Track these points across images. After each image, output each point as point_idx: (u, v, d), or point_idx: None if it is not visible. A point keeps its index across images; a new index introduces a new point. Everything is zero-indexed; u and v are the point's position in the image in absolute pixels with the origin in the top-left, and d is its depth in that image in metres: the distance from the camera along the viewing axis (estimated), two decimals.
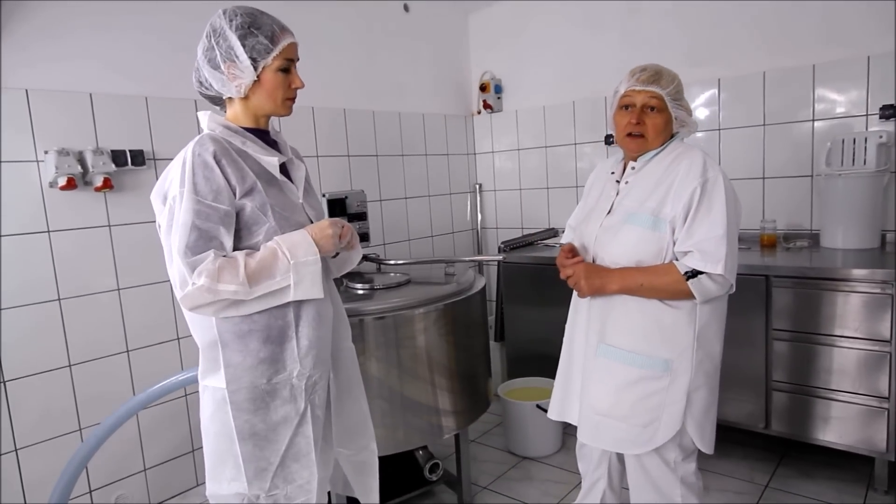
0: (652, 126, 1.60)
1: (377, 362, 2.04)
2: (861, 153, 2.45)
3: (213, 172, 1.28)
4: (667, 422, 1.58)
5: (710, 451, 1.66)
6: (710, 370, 1.62)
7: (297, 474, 1.40)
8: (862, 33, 2.55)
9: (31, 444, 2.11)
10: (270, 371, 1.36)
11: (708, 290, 1.51)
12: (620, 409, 1.62)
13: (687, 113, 1.63)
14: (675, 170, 1.57)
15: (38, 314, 2.11)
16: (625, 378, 1.61)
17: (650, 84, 1.58)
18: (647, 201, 1.58)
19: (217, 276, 1.24)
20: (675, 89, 1.60)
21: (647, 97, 1.59)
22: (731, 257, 1.50)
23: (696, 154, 1.58)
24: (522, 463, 2.78)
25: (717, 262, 1.48)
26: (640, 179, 1.64)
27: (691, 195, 1.52)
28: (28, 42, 2.04)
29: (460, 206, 3.90)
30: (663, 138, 1.63)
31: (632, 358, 1.60)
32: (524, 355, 3.21)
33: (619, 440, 1.64)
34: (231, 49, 1.33)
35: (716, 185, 1.52)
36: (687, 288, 1.51)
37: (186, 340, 2.48)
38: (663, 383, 1.58)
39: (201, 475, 2.55)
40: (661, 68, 1.63)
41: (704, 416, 1.62)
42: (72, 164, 2.07)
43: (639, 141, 1.62)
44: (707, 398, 1.62)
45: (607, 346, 1.65)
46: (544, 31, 3.56)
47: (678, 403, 1.57)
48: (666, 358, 1.58)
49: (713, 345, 1.62)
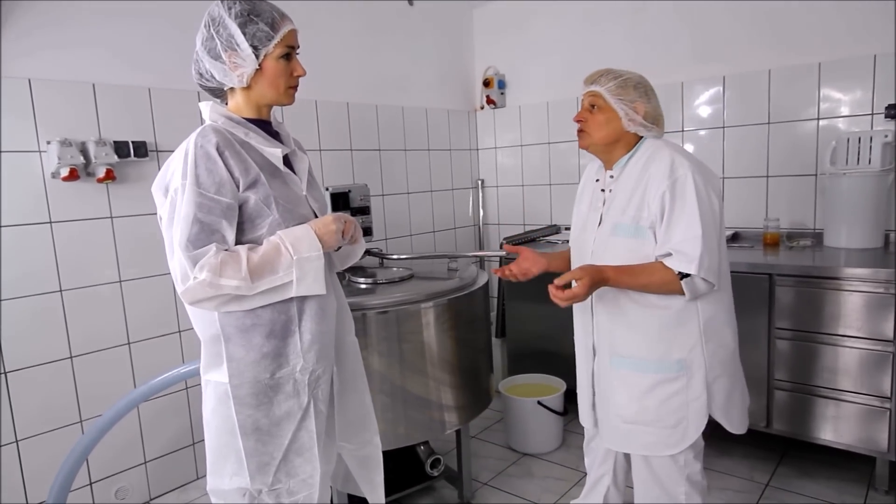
0: (593, 122, 1.64)
1: (379, 357, 2.04)
2: (866, 152, 2.44)
3: (215, 164, 1.26)
4: (694, 419, 1.61)
5: (742, 431, 1.72)
6: (726, 358, 1.64)
7: (300, 469, 1.39)
8: (868, 32, 2.54)
9: (31, 435, 2.11)
10: (274, 366, 1.35)
11: (697, 289, 1.53)
12: (647, 415, 1.63)
13: (636, 111, 1.60)
14: (647, 173, 1.58)
15: (40, 305, 2.10)
16: (642, 385, 1.63)
17: (590, 84, 1.65)
18: (628, 209, 1.60)
19: (219, 271, 1.23)
20: (618, 86, 1.60)
21: (588, 96, 1.66)
22: (708, 255, 1.50)
23: (664, 154, 1.58)
24: (523, 459, 2.78)
25: (690, 262, 1.49)
26: (619, 187, 1.65)
27: (662, 198, 1.53)
28: (31, 31, 2.03)
29: (462, 201, 3.89)
30: (610, 135, 1.63)
31: (644, 365, 1.62)
32: (525, 351, 3.21)
33: (651, 444, 1.65)
34: (231, 37, 1.31)
35: (685, 183, 1.51)
36: (676, 287, 1.52)
37: (187, 333, 2.48)
38: (681, 383, 1.60)
39: (201, 468, 2.55)
40: (609, 69, 1.66)
41: (728, 401, 1.66)
42: (74, 154, 2.07)
43: (583, 136, 1.68)
44: (727, 385, 1.65)
45: (619, 357, 1.67)
46: (549, 26, 3.54)
47: (700, 399, 1.60)
48: (678, 358, 1.59)
49: (723, 333, 1.64)
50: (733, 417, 1.69)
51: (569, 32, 3.46)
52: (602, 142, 1.65)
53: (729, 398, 1.66)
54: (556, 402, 2.79)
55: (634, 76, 1.64)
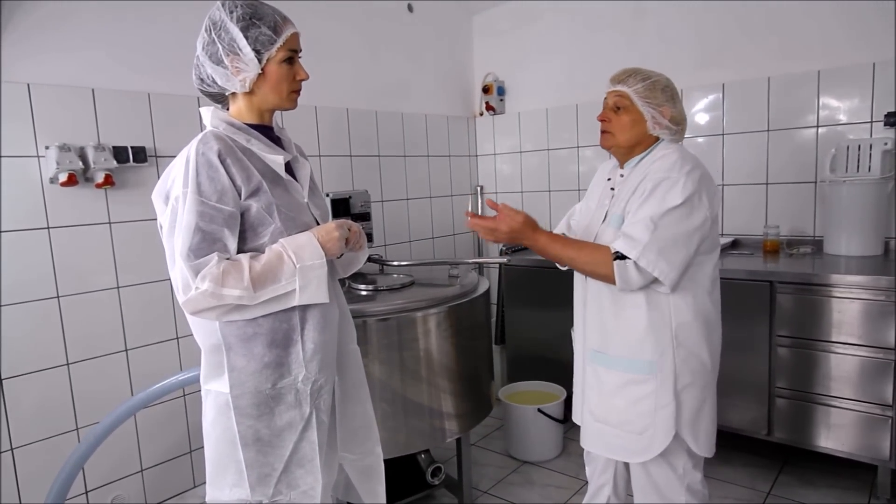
0: (617, 122, 1.62)
1: (380, 364, 2.02)
2: (866, 160, 2.44)
3: (217, 172, 1.25)
4: (661, 427, 1.57)
5: (708, 455, 1.65)
6: (697, 368, 1.59)
7: (302, 480, 1.37)
8: (867, 40, 2.55)
9: (27, 443, 2.08)
10: (275, 375, 1.33)
11: (629, 277, 1.48)
12: (614, 416, 1.62)
13: (663, 115, 1.59)
14: (650, 170, 1.58)
15: (37, 311, 2.08)
16: (613, 383, 1.62)
17: (617, 83, 1.62)
18: (627, 205, 1.59)
19: (221, 281, 1.21)
20: (647, 88, 1.59)
21: (614, 96, 1.63)
22: (657, 249, 1.45)
23: (671, 155, 1.57)
24: (523, 467, 2.76)
25: (631, 245, 1.46)
26: (626, 185, 1.64)
27: (649, 189, 1.52)
28: (30, 35, 2.02)
29: (462, 207, 3.88)
30: (634, 137, 1.62)
31: (616, 362, 1.61)
32: (525, 358, 3.19)
33: (618, 448, 1.64)
34: (234, 42, 1.29)
35: (675, 183, 1.49)
36: (610, 270, 1.49)
37: (185, 340, 2.46)
38: (650, 386, 1.57)
39: (199, 476, 2.53)
40: (637, 70, 1.64)
41: (696, 416, 1.59)
42: (73, 159, 2.05)
43: (606, 136, 1.66)
44: (697, 397, 1.59)
45: (595, 351, 1.67)
46: (548, 33, 3.54)
47: (668, 407, 1.56)
48: (649, 359, 1.57)
49: (697, 343, 1.58)
50: (700, 435, 1.60)
51: (568, 39, 3.46)
52: (625, 144, 1.63)
53: (697, 414, 1.60)
54: (557, 410, 2.78)
55: (662, 78, 1.64)
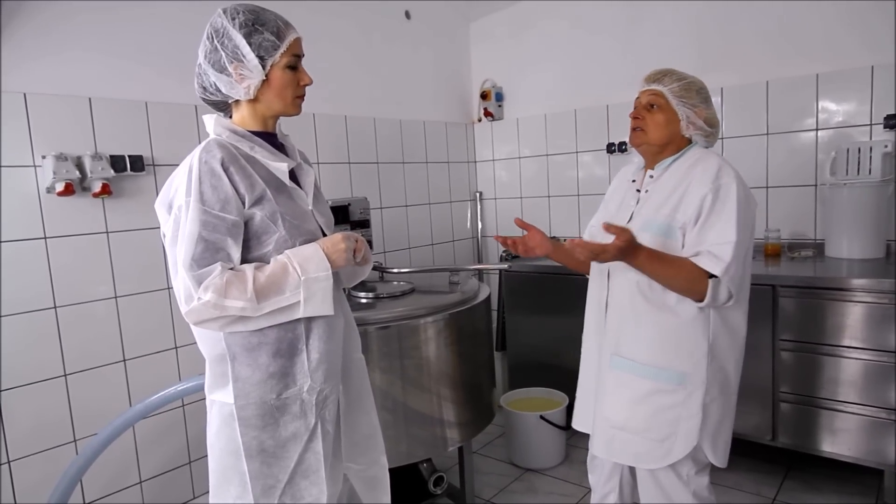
0: (651, 121, 1.62)
1: (381, 373, 2.01)
2: (866, 162, 2.44)
3: (220, 181, 1.23)
4: (683, 436, 1.55)
5: (723, 465, 1.64)
6: (724, 382, 1.60)
7: (306, 491, 1.35)
8: (866, 43, 2.55)
9: (24, 455, 2.05)
10: (280, 386, 1.32)
11: (720, 295, 1.49)
12: (636, 423, 1.59)
13: (698, 115, 1.60)
14: (690, 176, 1.56)
15: (34, 322, 2.05)
16: (639, 391, 1.59)
17: (652, 82, 1.63)
18: (663, 208, 1.57)
19: (224, 292, 1.19)
20: (682, 88, 1.60)
21: (649, 94, 1.63)
22: (735, 265, 1.47)
23: (711, 160, 1.57)
24: (525, 475, 2.74)
25: (720, 265, 1.45)
26: (657, 187, 1.62)
27: (702, 200, 1.51)
28: (26, 44, 2.00)
29: (461, 214, 3.87)
30: (666, 136, 1.61)
31: (645, 370, 1.58)
32: (526, 365, 3.18)
33: (635, 454, 1.62)
34: (237, 48, 1.28)
35: (729, 191, 1.50)
36: (701, 287, 1.47)
37: (184, 350, 2.44)
38: (679, 397, 1.56)
39: (198, 487, 2.50)
40: (672, 70, 1.64)
41: (717, 429, 1.60)
42: (70, 169, 2.03)
43: (638, 134, 1.64)
44: (720, 411, 1.60)
45: (621, 357, 1.63)
46: (546, 39, 3.55)
47: (695, 418, 1.55)
48: (681, 370, 1.55)
49: (726, 357, 1.60)
50: (718, 447, 1.61)
51: (566, 45, 3.46)
52: (657, 142, 1.62)
53: (719, 426, 1.60)
54: (559, 417, 2.76)
55: (697, 80, 1.64)
